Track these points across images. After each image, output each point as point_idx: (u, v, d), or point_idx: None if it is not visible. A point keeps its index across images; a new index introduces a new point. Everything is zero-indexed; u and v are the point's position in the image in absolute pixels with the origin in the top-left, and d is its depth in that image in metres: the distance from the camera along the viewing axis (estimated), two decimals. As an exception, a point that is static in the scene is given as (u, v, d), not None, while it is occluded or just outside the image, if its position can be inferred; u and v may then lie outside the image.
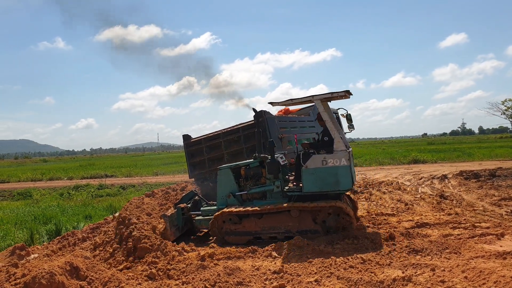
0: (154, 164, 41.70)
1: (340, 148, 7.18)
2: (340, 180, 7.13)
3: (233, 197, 7.97)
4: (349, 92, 7.31)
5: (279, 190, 7.67)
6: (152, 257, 6.62)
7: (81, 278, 5.36)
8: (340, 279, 5.21)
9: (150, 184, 20.63)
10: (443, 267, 5.22)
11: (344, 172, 7.12)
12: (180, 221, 8.26)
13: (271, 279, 5.43)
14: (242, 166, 8.19)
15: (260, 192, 7.88)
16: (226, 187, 8.12)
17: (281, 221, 7.43)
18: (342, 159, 7.12)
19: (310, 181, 7.24)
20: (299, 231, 7.30)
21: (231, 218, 7.68)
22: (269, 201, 7.70)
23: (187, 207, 8.53)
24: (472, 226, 7.53)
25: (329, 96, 7.38)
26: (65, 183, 25.49)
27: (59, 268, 5.17)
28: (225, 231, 7.67)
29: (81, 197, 17.83)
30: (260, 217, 7.54)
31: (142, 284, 5.45)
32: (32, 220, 11.25)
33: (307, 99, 7.53)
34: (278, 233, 7.43)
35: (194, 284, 5.28)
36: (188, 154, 12.11)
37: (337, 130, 7.40)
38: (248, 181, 8.06)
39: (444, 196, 11.21)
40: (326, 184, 7.19)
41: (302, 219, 7.34)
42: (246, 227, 7.59)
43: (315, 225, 7.28)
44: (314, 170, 7.23)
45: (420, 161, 25.76)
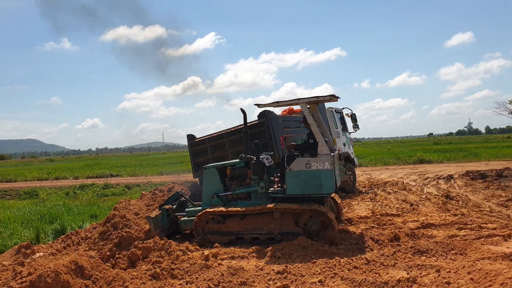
0: (159, 163, 41.78)
1: (323, 152, 7.19)
2: (323, 183, 7.14)
3: (217, 198, 7.99)
4: (334, 96, 7.36)
5: (263, 191, 7.69)
6: (156, 257, 6.64)
7: (86, 277, 5.38)
8: (344, 280, 5.19)
9: (154, 183, 20.64)
10: (449, 268, 5.18)
11: (327, 176, 7.12)
12: (165, 222, 8.28)
13: (274, 279, 5.41)
14: (228, 166, 8.23)
15: (245, 192, 7.90)
16: (212, 186, 8.14)
17: (263, 222, 7.46)
18: (325, 163, 7.12)
19: (294, 183, 7.27)
20: (281, 233, 7.35)
21: (214, 218, 7.72)
22: (253, 202, 7.72)
23: (172, 208, 8.56)
24: (479, 227, 7.48)
25: (314, 99, 7.42)
26: (71, 182, 25.61)
27: (64, 267, 5.19)
28: (208, 230, 7.71)
29: (86, 196, 17.91)
30: (243, 218, 7.57)
31: (146, 283, 5.46)
32: (38, 219, 11.30)
33: (293, 102, 7.58)
34: (260, 234, 7.47)
35: (197, 284, 5.28)
36: (192, 154, 12.12)
37: (322, 134, 7.43)
38: (233, 181, 8.08)
39: (450, 197, 11.14)
40: (309, 187, 7.21)
41: (284, 221, 7.36)
42: (229, 227, 7.63)
43: (297, 228, 7.30)
44: (298, 172, 7.25)
45: (425, 161, 25.65)
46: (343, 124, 14.76)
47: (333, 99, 7.40)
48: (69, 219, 11.25)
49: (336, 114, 14.51)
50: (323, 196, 7.36)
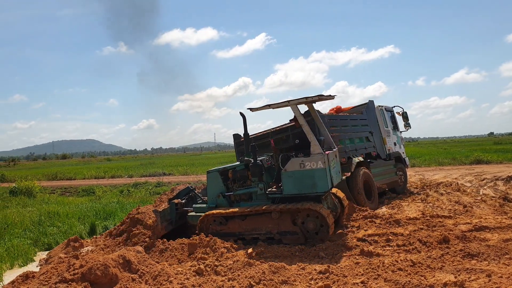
0: (210, 163, 42.53)
1: (316, 151, 7.28)
2: (317, 182, 7.24)
3: (223, 197, 8.21)
4: (322, 95, 7.46)
5: (262, 192, 7.83)
6: (201, 253, 6.80)
7: (133, 271, 5.59)
8: (387, 282, 5.06)
9: (205, 182, 21.05)
10: (501, 273, 4.92)
11: (320, 175, 7.22)
12: (173, 215, 8.60)
13: (316, 279, 5.38)
14: (229, 169, 8.42)
15: (247, 193, 8.05)
16: (215, 189, 8.36)
17: (262, 223, 7.58)
18: (318, 162, 7.22)
19: (289, 183, 7.42)
20: (279, 233, 7.46)
21: (215, 220, 7.90)
22: (253, 203, 7.88)
23: (181, 203, 8.83)
24: (538, 231, 7.05)
25: (303, 101, 7.57)
26: (126, 180, 26.65)
27: (113, 261, 5.43)
28: (211, 231, 7.85)
29: (139, 194, 18.57)
30: (244, 219, 7.72)
31: (190, 279, 5.58)
32: (93, 215, 11.89)
33: (284, 103, 7.68)
34: (260, 234, 7.59)
35: (239, 281, 5.34)
36: (238, 153, 12.24)
37: (313, 134, 7.49)
38: (235, 184, 8.27)
39: (508, 199, 10.58)
40: (304, 186, 7.34)
41: (282, 221, 7.46)
42: (231, 228, 7.78)
43: (294, 227, 7.39)
44: (293, 173, 7.39)
45: (483, 162, 24.48)
46: (394, 122, 14.40)
47: (322, 98, 7.53)
48: (122, 215, 11.72)
49: (386, 113, 14.18)
50: (318, 195, 7.42)
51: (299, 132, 10.70)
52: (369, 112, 13.33)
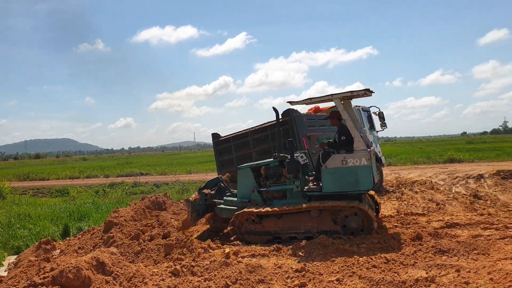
0: (189, 162, 42.37)
1: (360, 148, 7.08)
2: (360, 180, 7.03)
3: (257, 193, 7.94)
4: (369, 90, 7.18)
5: (299, 190, 7.57)
6: (178, 254, 6.75)
7: (107, 273, 5.51)
8: (362, 279, 5.15)
9: (183, 182, 20.97)
10: (469, 268, 5.07)
11: (364, 172, 7.01)
12: (202, 207, 8.34)
13: (292, 278, 5.42)
14: (262, 165, 8.17)
15: (280, 191, 7.81)
16: (246, 186, 8.12)
17: (300, 221, 7.38)
18: (362, 159, 7.01)
19: (330, 181, 7.17)
20: (319, 232, 7.22)
21: (248, 218, 7.67)
22: (289, 201, 7.61)
23: (211, 194, 8.56)
24: (504, 227, 7.27)
25: (349, 94, 7.29)
26: (101, 180, 26.27)
27: (85, 263, 5.34)
28: (244, 230, 7.67)
29: (115, 194, 18.33)
30: (280, 217, 7.50)
31: (166, 280, 5.54)
32: (67, 216, 11.66)
33: (327, 97, 7.43)
34: (298, 233, 7.37)
35: (215, 281, 5.33)
36: (217, 152, 12.24)
37: (357, 129, 7.28)
38: (268, 181, 8.01)
39: (478, 196, 10.89)
40: (346, 184, 7.11)
41: (322, 219, 7.28)
42: (266, 227, 7.56)
43: (335, 226, 7.20)
44: (334, 170, 7.15)
45: (456, 160, 25.06)
46: (370, 122, 14.60)
47: (368, 93, 7.27)
48: (97, 216, 11.57)
49: (363, 113, 14.36)
50: (360, 193, 7.26)
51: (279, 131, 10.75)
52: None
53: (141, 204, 10.09)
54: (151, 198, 10.78)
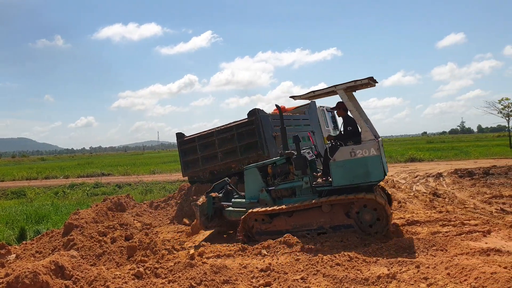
0: (153, 162, 41.74)
1: (368, 138, 6.92)
2: (371, 171, 6.87)
3: (266, 192, 7.79)
4: (372, 78, 7.09)
5: (308, 186, 7.43)
6: (141, 256, 6.64)
7: (67, 278, 5.34)
8: (326, 277, 5.21)
9: (146, 182, 20.64)
10: (428, 264, 5.23)
11: (374, 162, 6.86)
12: (210, 210, 8.14)
13: (257, 277, 5.43)
14: (269, 164, 8.05)
15: (289, 189, 7.68)
16: (254, 186, 7.98)
17: (312, 218, 7.21)
18: (371, 149, 6.85)
19: (339, 174, 7.01)
20: (332, 227, 7.09)
21: (257, 218, 7.54)
22: (298, 198, 7.47)
23: (218, 197, 8.39)
24: (461, 224, 7.54)
25: (352, 84, 7.14)
26: (61, 181, 25.50)
27: (43, 267, 5.14)
28: (255, 231, 7.53)
29: (76, 195, 17.84)
30: (291, 215, 7.35)
31: (129, 282, 5.44)
32: (24, 219, 11.23)
33: (330, 89, 7.28)
34: (310, 230, 7.20)
35: (180, 283, 5.27)
36: (182, 152, 12.08)
37: (363, 120, 7.17)
38: (276, 179, 7.87)
39: (437, 194, 11.23)
40: (356, 176, 6.94)
41: (334, 214, 7.11)
42: (277, 226, 7.41)
43: (348, 220, 7.04)
44: (343, 162, 6.99)
45: (417, 160, 25.78)
46: (334, 123, 14.84)
47: (371, 82, 7.18)
48: (56, 218, 11.20)
49: (327, 113, 14.58)
50: (372, 184, 7.10)
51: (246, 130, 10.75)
52: (311, 112, 13.67)
53: (103, 205, 9.87)
54: (113, 199, 10.57)
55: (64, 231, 8.09)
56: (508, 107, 33.27)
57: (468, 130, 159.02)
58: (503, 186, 11.90)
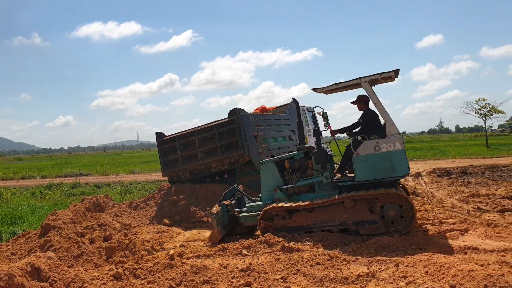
0: (133, 162, 41.30)
1: (393, 132, 6.85)
2: (396, 165, 6.76)
3: (280, 191, 7.68)
4: (397, 72, 7.06)
5: (328, 181, 7.31)
6: (120, 257, 6.56)
7: (43, 279, 5.24)
8: (306, 276, 5.22)
9: (125, 182, 20.41)
10: (407, 262, 5.28)
11: (399, 157, 6.76)
12: (225, 219, 7.96)
13: (238, 277, 5.41)
14: (286, 159, 7.91)
15: (308, 184, 7.56)
16: (271, 181, 7.83)
17: (334, 213, 7.06)
18: (396, 143, 6.77)
19: (363, 169, 6.89)
20: (355, 223, 6.95)
21: (279, 214, 7.40)
22: (318, 194, 7.36)
23: (232, 204, 8.23)
24: (439, 222, 7.65)
25: (378, 77, 7.04)
26: (38, 182, 25.02)
27: (19, 269, 5.04)
28: (275, 227, 7.40)
29: (54, 196, 17.54)
30: (311, 211, 7.20)
31: (107, 284, 5.37)
32: (-2, 220, 10.98)
33: (354, 81, 7.15)
34: (332, 226, 7.06)
35: (159, 283, 5.22)
36: (162, 152, 11.98)
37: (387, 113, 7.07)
38: (293, 174, 7.71)
39: (416, 193, 11.38)
40: (380, 171, 6.83)
41: (357, 209, 6.95)
42: (297, 222, 7.25)
43: (372, 215, 6.88)
44: (367, 157, 6.88)
45: (396, 159, 26.09)
46: (315, 122, 14.91)
47: (395, 75, 7.13)
48: (33, 219, 11.00)
49: (308, 113, 14.65)
50: (396, 179, 7.03)
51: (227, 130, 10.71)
52: (292, 112, 13.72)
53: (81, 205, 9.71)
54: (92, 199, 10.41)
55: (41, 232, 7.93)
56: (485, 108, 34.02)
57: (446, 130, 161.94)
58: (480, 185, 12.13)
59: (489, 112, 34.08)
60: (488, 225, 7.18)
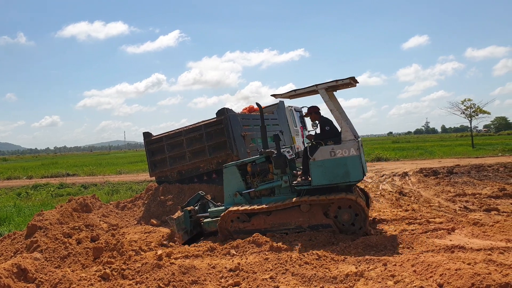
0: (119, 162, 40.97)
1: (348, 138, 6.97)
2: (350, 171, 6.91)
3: (240, 196, 7.79)
4: (354, 78, 7.13)
5: (287, 185, 7.45)
6: (107, 257, 6.51)
7: (30, 280, 5.19)
8: (295, 276, 5.23)
9: (112, 183, 20.24)
10: (395, 262, 5.32)
11: (353, 163, 6.90)
12: (188, 224, 8.00)
13: (226, 277, 5.39)
14: (248, 162, 7.97)
15: (268, 188, 7.68)
16: (233, 185, 7.91)
17: (291, 217, 7.21)
18: (351, 149, 6.90)
19: (319, 173, 7.03)
20: (310, 226, 7.10)
21: (239, 217, 7.48)
22: (278, 197, 7.51)
23: (195, 210, 8.24)
24: (426, 222, 7.73)
25: (333, 84, 7.14)
26: (24, 182, 24.70)
27: (5, 270, 4.99)
28: (234, 230, 7.47)
29: (40, 196, 17.33)
30: (269, 214, 7.34)
31: (95, 284, 5.32)
32: (-17, 221, 10.83)
33: (311, 88, 7.25)
34: (289, 229, 7.21)
35: (148, 284, 5.19)
36: (149, 152, 11.91)
37: (344, 119, 7.21)
38: (255, 178, 7.83)
39: (403, 193, 11.47)
40: (335, 176, 6.98)
41: (313, 213, 7.11)
42: (255, 225, 7.37)
43: (327, 219, 7.04)
44: (322, 162, 7.01)
45: (383, 159, 26.27)
46: (302, 122, 14.96)
47: (352, 82, 7.20)
48: (19, 220, 10.86)
49: (295, 113, 14.69)
50: (351, 184, 7.17)
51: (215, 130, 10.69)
52: (280, 112, 13.74)
53: (68, 206, 9.61)
54: (79, 200, 10.31)
55: (27, 233, 7.83)
56: (471, 108, 34.39)
57: (433, 130, 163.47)
58: (466, 185, 12.28)
59: (475, 113, 34.46)
60: (474, 224, 7.28)
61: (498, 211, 8.38)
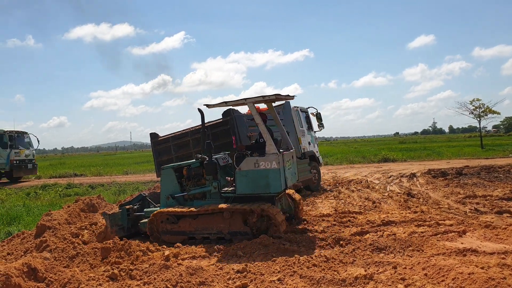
0: (126, 163, 41.14)
1: (271, 151, 7.22)
2: (271, 183, 7.15)
3: (172, 199, 7.99)
4: (280, 95, 7.39)
5: (216, 191, 7.68)
6: (115, 257, 6.50)
7: (40, 280, 5.20)
8: (303, 278, 5.19)
9: (119, 183, 20.29)
10: (405, 264, 5.26)
11: (274, 175, 7.14)
12: (125, 222, 8.19)
13: (234, 279, 5.36)
14: (184, 166, 8.17)
15: (200, 192, 7.88)
16: (169, 187, 8.12)
17: (213, 222, 7.43)
18: (273, 162, 7.13)
19: (243, 183, 7.30)
20: (230, 233, 7.34)
21: (169, 218, 7.70)
22: (207, 202, 7.72)
23: (133, 208, 8.42)
24: (436, 224, 7.65)
25: (260, 99, 7.44)
26: (33, 182, 24.84)
27: (16, 269, 5.00)
28: (161, 230, 7.67)
29: (48, 196, 17.39)
30: (195, 218, 7.54)
31: (103, 284, 5.32)
32: (-6, 220, 10.88)
33: (241, 101, 7.52)
34: (210, 234, 7.44)
35: (155, 284, 5.17)
36: (156, 153, 11.95)
37: (269, 133, 7.42)
38: (189, 181, 8.04)
39: (411, 194, 11.38)
40: (257, 186, 7.24)
41: (233, 220, 7.34)
42: (182, 227, 7.59)
43: (245, 227, 7.29)
44: (247, 172, 7.27)
45: (390, 160, 26.14)
46: (308, 123, 14.88)
47: (279, 97, 7.46)
48: (28, 219, 10.92)
49: (301, 113, 14.61)
50: (272, 196, 7.38)
51: (221, 130, 10.69)
52: (285, 113, 13.68)
53: (75, 206, 9.67)
54: (86, 200, 10.36)
55: (37, 233, 7.89)
56: (480, 108, 34.12)
57: (440, 131, 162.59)
58: (476, 186, 12.17)
59: (484, 113, 34.20)
60: (486, 227, 7.19)
61: (510, 214, 8.28)
